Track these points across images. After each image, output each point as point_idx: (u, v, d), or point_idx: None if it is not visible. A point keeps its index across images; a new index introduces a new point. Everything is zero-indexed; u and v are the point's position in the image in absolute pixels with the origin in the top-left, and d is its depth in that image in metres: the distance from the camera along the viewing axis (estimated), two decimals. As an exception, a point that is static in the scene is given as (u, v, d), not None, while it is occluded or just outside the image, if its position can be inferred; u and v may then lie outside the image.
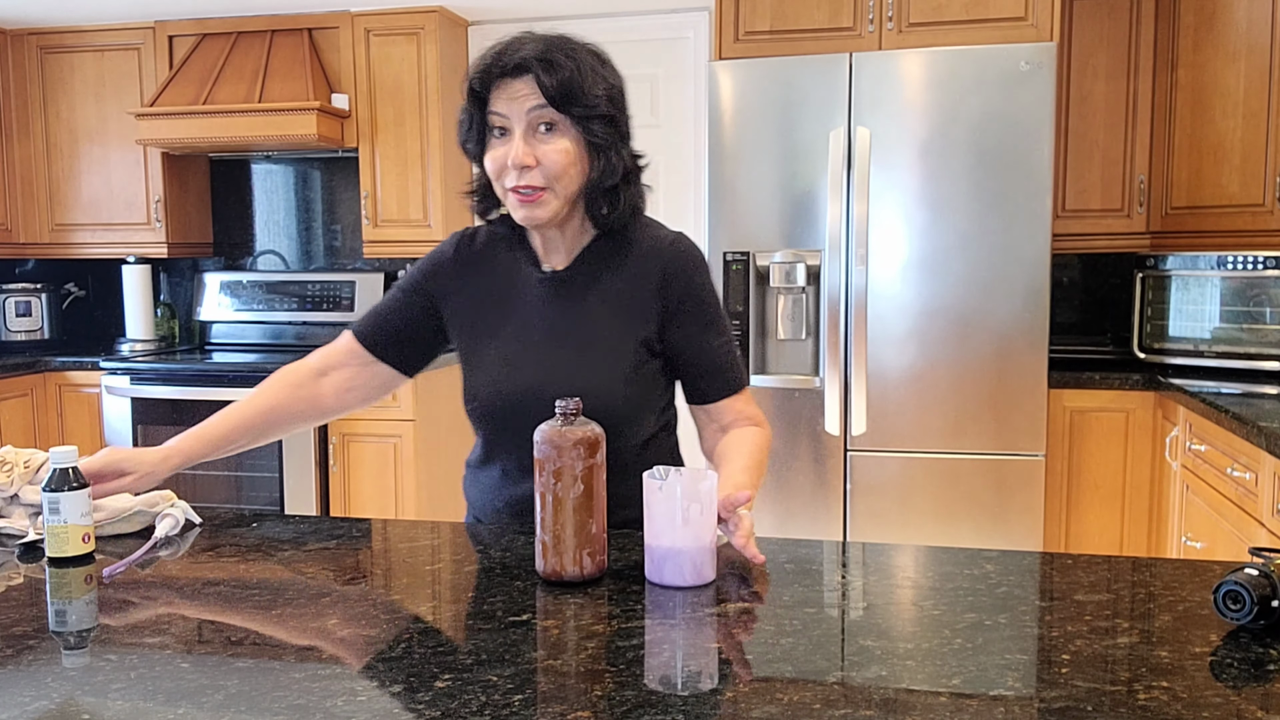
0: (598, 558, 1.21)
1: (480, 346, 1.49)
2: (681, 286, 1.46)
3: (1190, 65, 3.26)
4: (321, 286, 4.29)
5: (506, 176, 1.38)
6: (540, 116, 1.36)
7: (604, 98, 1.38)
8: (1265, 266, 2.97)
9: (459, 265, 1.53)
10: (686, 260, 1.47)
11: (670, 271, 1.45)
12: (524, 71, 1.35)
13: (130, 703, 0.90)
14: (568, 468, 1.18)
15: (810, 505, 3.22)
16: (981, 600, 1.14)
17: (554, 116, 1.36)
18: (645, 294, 1.45)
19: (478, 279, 1.51)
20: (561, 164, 1.37)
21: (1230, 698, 0.89)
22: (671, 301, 1.45)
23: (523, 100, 1.35)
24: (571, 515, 1.19)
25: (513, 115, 1.36)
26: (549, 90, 1.34)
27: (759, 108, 3.15)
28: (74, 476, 1.32)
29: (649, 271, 1.45)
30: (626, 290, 1.46)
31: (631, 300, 1.45)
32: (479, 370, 1.48)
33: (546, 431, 1.19)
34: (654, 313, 1.45)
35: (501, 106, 1.37)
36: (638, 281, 1.46)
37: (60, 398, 4.07)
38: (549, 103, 1.35)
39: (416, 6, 3.89)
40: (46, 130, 4.28)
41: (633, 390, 1.44)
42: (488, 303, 1.50)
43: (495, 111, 1.37)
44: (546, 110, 1.35)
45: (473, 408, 1.49)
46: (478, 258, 1.52)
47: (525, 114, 1.35)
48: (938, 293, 3.09)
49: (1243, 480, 2.41)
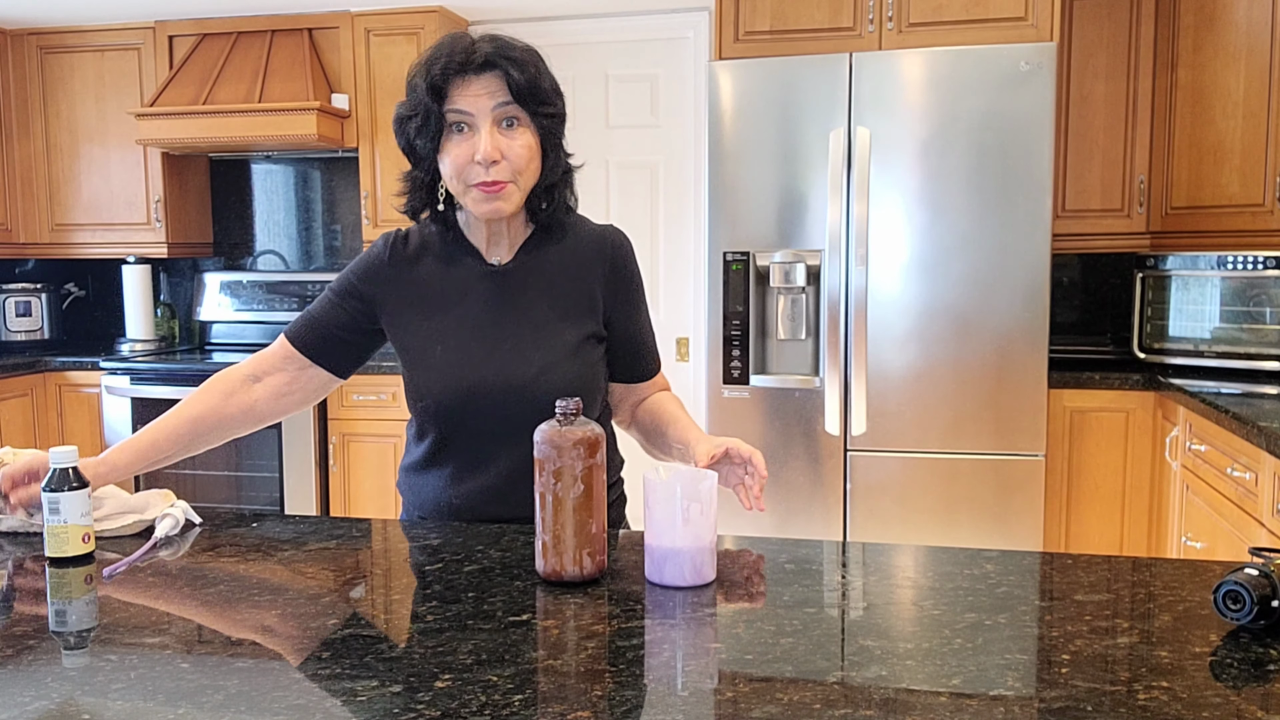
0: (598, 558, 1.21)
1: (425, 344, 1.49)
2: (624, 274, 1.54)
3: (1190, 65, 3.27)
4: (321, 287, 4.29)
5: (470, 172, 1.40)
6: (506, 112, 1.39)
7: (557, 96, 1.44)
8: (1265, 266, 2.97)
9: (394, 266, 1.53)
10: (625, 250, 1.55)
11: (614, 261, 1.53)
12: (490, 68, 1.37)
13: (130, 703, 0.90)
14: (568, 468, 1.18)
15: (810, 505, 3.22)
16: (981, 600, 1.14)
17: (518, 112, 1.39)
18: (590, 283, 1.51)
19: (415, 278, 1.52)
20: (525, 158, 1.41)
21: (1230, 698, 0.89)
22: (616, 288, 1.53)
23: (489, 96, 1.38)
24: (571, 515, 1.19)
25: (478, 111, 1.38)
26: (518, 86, 1.37)
27: (759, 108, 3.15)
28: (74, 476, 1.32)
29: (591, 261, 1.52)
30: (570, 280, 1.51)
31: (576, 289, 1.51)
32: (427, 369, 1.48)
33: (547, 432, 1.19)
34: (599, 300, 1.52)
35: (465, 103, 1.38)
36: (581, 271, 1.52)
37: (60, 398, 4.07)
38: (515, 99, 1.38)
39: (416, 6, 3.89)
40: (46, 130, 4.28)
41: (582, 376, 1.48)
42: (429, 301, 1.51)
43: (457, 109, 1.38)
44: (512, 106, 1.38)
45: (423, 406, 1.48)
46: (414, 257, 1.53)
47: (491, 110, 1.38)
48: (938, 293, 3.09)
49: (1243, 480, 2.41)
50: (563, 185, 1.50)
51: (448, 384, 1.46)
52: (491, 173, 1.38)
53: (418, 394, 1.49)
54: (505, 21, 4.13)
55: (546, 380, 1.44)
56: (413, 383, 1.50)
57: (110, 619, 1.11)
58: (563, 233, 1.53)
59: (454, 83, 1.37)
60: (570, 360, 1.47)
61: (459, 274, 1.51)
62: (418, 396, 1.49)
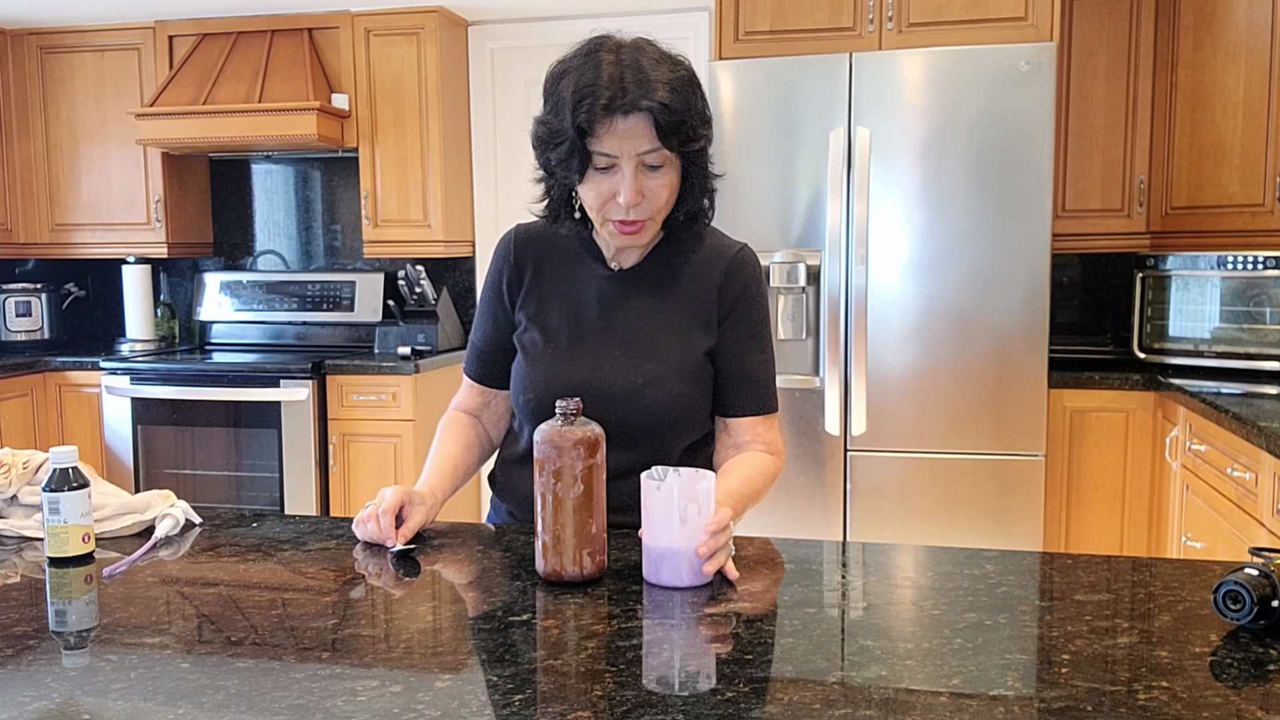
0: (598, 558, 1.21)
1: (537, 340, 1.49)
2: (738, 291, 1.49)
3: (1190, 65, 3.26)
4: (321, 286, 4.29)
5: (610, 209, 1.39)
6: (650, 159, 1.36)
7: (705, 127, 1.40)
8: (1265, 266, 2.97)
9: (520, 260, 1.53)
10: (747, 268, 1.50)
11: (731, 274, 1.49)
12: (636, 112, 1.33)
13: (130, 703, 0.90)
14: (568, 468, 1.18)
15: (810, 505, 3.22)
16: (981, 600, 1.14)
17: (663, 156, 1.36)
18: (707, 295, 1.48)
19: (538, 274, 1.52)
20: (665, 197, 1.39)
21: (1230, 698, 0.89)
22: (726, 304, 1.48)
23: (635, 141, 1.34)
24: (571, 515, 1.19)
25: (622, 155, 1.35)
26: (665, 127, 1.33)
27: (759, 108, 3.15)
28: (74, 476, 1.32)
29: (711, 273, 1.48)
30: (688, 289, 1.48)
31: (692, 302, 1.48)
32: (534, 364, 1.48)
33: (546, 431, 1.19)
34: (713, 315, 1.48)
35: (610, 146, 1.34)
36: (700, 281, 1.48)
37: (60, 398, 4.06)
38: (661, 141, 1.34)
39: (416, 6, 3.89)
40: (46, 130, 4.28)
41: (689, 390, 1.45)
42: (548, 298, 1.51)
43: (602, 152, 1.35)
44: (658, 152, 1.35)
45: (525, 400, 1.47)
46: (538, 253, 1.53)
47: (636, 154, 1.35)
48: (938, 293, 3.09)
49: (1243, 480, 2.41)
50: (705, 201, 1.47)
51: (551, 383, 1.45)
52: (632, 213, 1.38)
53: (522, 388, 1.48)
54: (505, 21, 4.13)
55: (652, 392, 1.43)
56: (519, 377, 1.49)
57: (110, 619, 1.11)
58: (693, 244, 1.50)
59: (600, 121, 1.33)
60: (677, 376, 1.45)
61: (581, 274, 1.50)
62: (522, 390, 1.48)
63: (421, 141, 3.96)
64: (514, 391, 1.50)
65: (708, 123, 1.41)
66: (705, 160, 1.43)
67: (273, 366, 3.79)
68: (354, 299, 4.24)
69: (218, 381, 3.80)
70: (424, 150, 3.96)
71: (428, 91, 3.93)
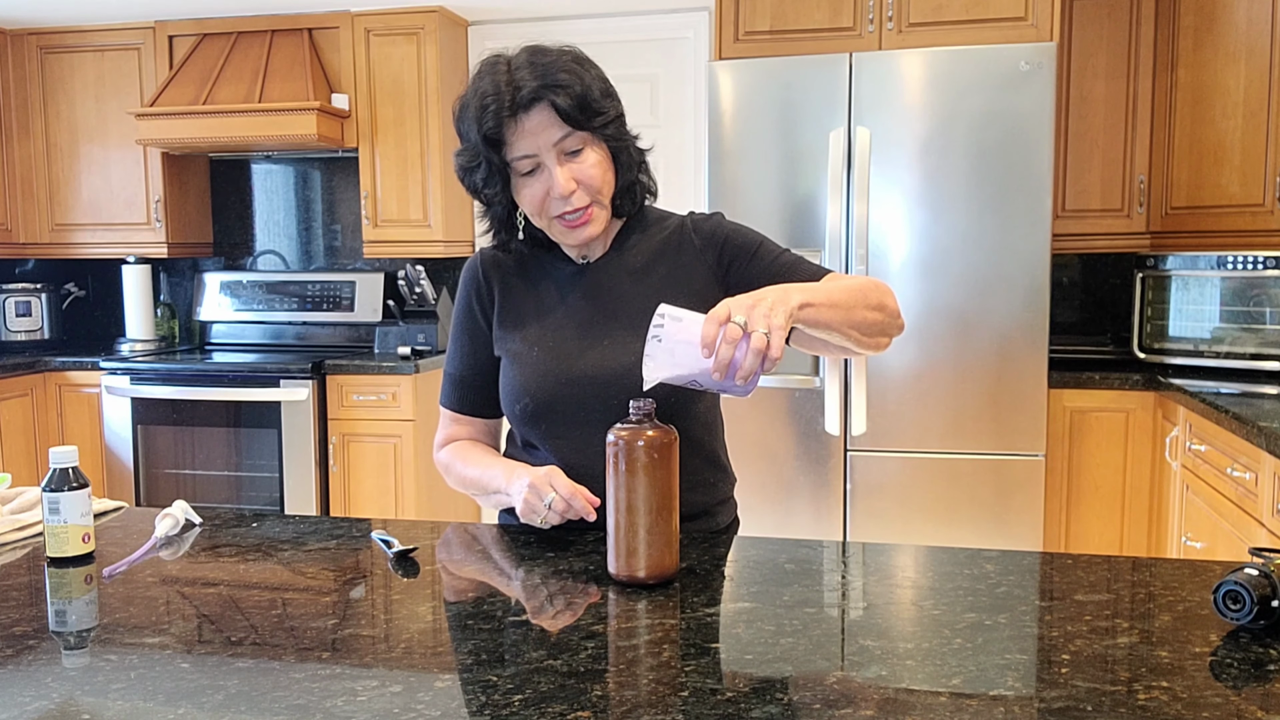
0: (670, 559, 1.20)
1: (523, 349, 1.47)
2: (722, 238, 1.48)
3: (1190, 65, 3.27)
4: (321, 286, 4.29)
5: (550, 206, 1.38)
6: (567, 145, 1.35)
7: (608, 99, 1.39)
8: (1265, 266, 2.97)
9: (488, 277, 1.52)
10: (710, 219, 1.51)
11: (702, 232, 1.49)
12: (536, 102, 1.33)
13: (130, 703, 0.90)
14: (641, 468, 1.17)
15: (810, 505, 3.22)
16: (981, 600, 1.14)
17: (578, 139, 1.36)
18: (690, 262, 1.47)
19: (510, 291, 1.51)
20: (599, 176, 1.38)
21: (1230, 698, 0.89)
22: (717, 255, 1.48)
23: (546, 134, 1.34)
24: (644, 516, 1.17)
25: (539, 150, 1.35)
26: (568, 114, 1.33)
27: (759, 108, 3.15)
28: (74, 476, 1.32)
29: (684, 242, 1.49)
30: (668, 263, 1.48)
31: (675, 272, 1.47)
32: (523, 369, 1.46)
33: (619, 431, 1.18)
34: (711, 274, 1.47)
35: (525, 146, 1.35)
36: (677, 252, 1.48)
37: (60, 398, 4.06)
38: (572, 126, 1.34)
39: (416, 6, 3.89)
40: (46, 130, 4.28)
41: None
42: (525, 311, 1.50)
43: (520, 156, 1.35)
44: (572, 136, 1.35)
45: (522, 406, 1.46)
46: (504, 267, 1.53)
47: (552, 146, 1.35)
48: (938, 293, 3.09)
49: (1243, 480, 2.41)
50: (642, 175, 1.47)
51: (545, 379, 1.44)
52: (572, 201, 1.37)
53: (516, 395, 1.46)
54: (505, 21, 4.13)
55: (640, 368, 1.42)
56: (510, 384, 1.47)
57: (110, 619, 1.11)
58: (653, 224, 1.51)
59: (506, 127, 1.34)
60: None
61: (552, 276, 1.50)
62: (516, 398, 1.46)
63: (421, 141, 3.96)
64: (507, 400, 1.49)
65: (610, 95, 1.40)
66: (624, 132, 1.42)
67: (273, 366, 3.79)
68: (354, 299, 4.24)
69: (218, 381, 3.80)
70: (424, 150, 3.96)
71: (428, 91, 3.93)
